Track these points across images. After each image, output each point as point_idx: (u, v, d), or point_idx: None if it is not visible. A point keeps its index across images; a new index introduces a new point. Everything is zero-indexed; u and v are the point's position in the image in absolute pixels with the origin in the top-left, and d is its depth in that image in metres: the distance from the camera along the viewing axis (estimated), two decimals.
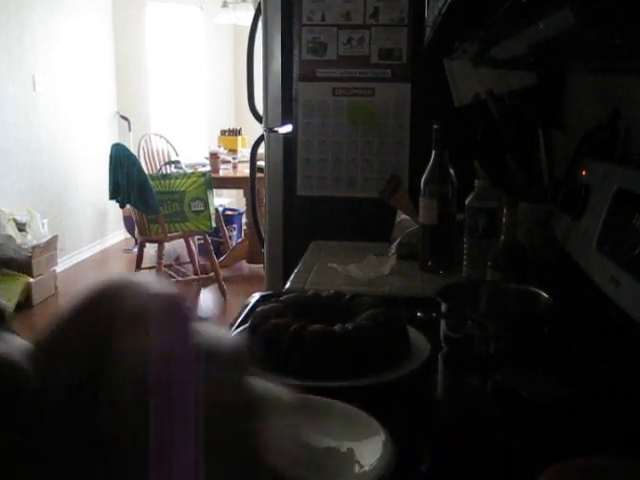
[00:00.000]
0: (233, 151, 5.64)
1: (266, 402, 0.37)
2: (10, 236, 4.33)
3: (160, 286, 0.35)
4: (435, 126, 1.52)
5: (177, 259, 5.18)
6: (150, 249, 4.78)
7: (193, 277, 4.85)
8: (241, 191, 5.33)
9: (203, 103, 7.01)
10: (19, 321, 4.20)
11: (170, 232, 4.36)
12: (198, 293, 4.83)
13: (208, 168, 4.89)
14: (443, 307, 1.06)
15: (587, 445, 0.78)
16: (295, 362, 0.93)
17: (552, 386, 0.93)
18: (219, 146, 5.73)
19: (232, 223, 5.71)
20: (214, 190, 4.61)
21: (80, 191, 5.59)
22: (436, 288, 1.10)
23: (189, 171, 4.61)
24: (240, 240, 5.47)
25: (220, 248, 5.24)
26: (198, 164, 5.20)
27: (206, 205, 4.41)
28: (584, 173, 1.26)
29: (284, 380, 0.91)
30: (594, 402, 0.90)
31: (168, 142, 5.38)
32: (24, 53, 4.84)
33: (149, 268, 4.74)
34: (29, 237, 4.50)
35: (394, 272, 1.52)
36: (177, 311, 0.34)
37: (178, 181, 4.37)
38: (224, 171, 5.07)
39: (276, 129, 2.09)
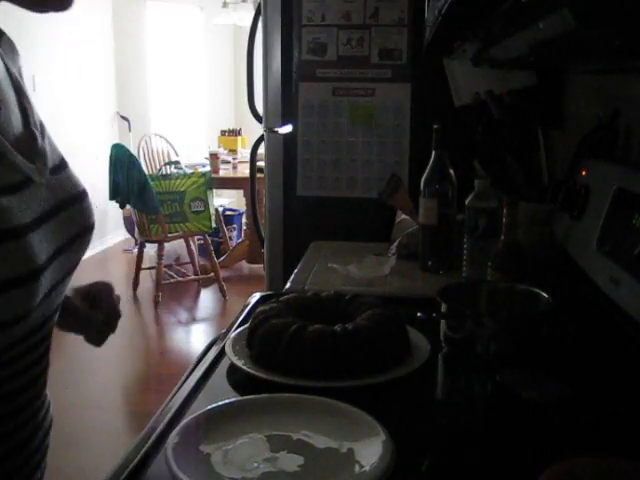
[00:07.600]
0: (233, 151, 5.64)
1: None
2: None
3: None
4: (435, 126, 1.52)
5: (177, 259, 5.18)
6: (150, 249, 4.78)
7: (193, 277, 4.85)
8: (241, 191, 5.33)
9: (203, 103, 7.01)
10: None
11: (170, 232, 4.36)
12: (198, 293, 4.83)
13: (208, 168, 4.89)
14: (443, 307, 1.06)
15: (587, 445, 0.78)
16: (295, 362, 0.93)
17: (552, 386, 0.93)
18: (219, 146, 5.74)
19: (232, 223, 5.71)
20: (214, 190, 4.61)
21: None
22: (436, 288, 1.10)
23: (189, 171, 4.61)
24: (240, 240, 5.47)
25: (220, 248, 5.24)
26: (198, 164, 5.20)
27: (206, 205, 4.41)
28: (584, 173, 1.26)
29: (284, 380, 0.91)
30: (594, 402, 0.90)
31: (168, 142, 5.38)
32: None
33: (149, 268, 4.74)
34: None
35: (394, 272, 1.52)
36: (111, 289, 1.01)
37: (178, 181, 4.37)
38: (224, 171, 5.07)
39: (276, 129, 2.09)
